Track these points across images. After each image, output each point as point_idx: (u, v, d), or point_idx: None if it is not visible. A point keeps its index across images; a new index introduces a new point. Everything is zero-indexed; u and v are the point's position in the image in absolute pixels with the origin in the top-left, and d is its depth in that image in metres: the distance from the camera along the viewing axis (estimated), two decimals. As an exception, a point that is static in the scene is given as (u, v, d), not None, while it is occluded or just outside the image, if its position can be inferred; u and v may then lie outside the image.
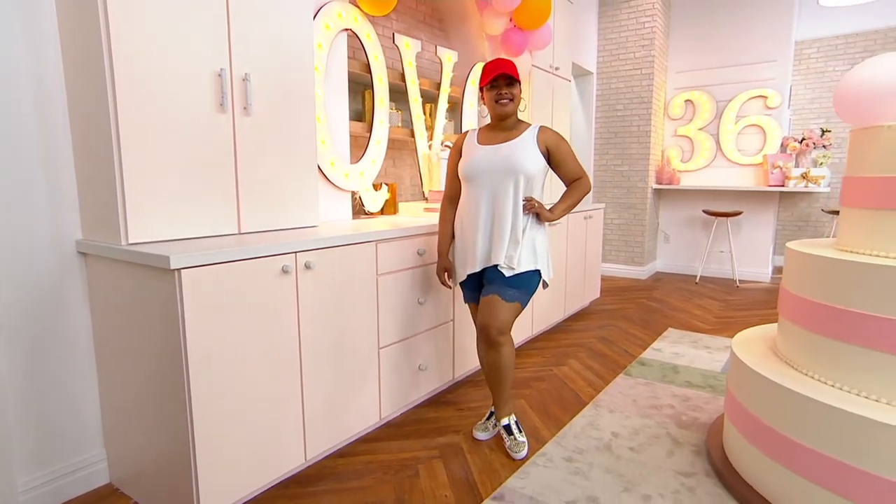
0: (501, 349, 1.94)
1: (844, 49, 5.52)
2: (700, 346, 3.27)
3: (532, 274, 1.96)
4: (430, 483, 1.83)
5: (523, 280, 1.94)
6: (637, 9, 5.13)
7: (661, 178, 5.52)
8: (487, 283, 1.97)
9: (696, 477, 1.84)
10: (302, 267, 1.74)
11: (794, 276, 1.75)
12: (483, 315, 1.94)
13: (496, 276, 1.94)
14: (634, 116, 5.30)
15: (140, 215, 1.55)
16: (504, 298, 1.91)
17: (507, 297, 1.91)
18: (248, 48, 1.79)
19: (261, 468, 1.67)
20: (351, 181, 2.43)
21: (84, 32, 1.52)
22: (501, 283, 1.92)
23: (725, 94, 5.26)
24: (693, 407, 2.40)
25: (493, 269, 1.96)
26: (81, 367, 1.74)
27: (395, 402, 2.22)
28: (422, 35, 3.23)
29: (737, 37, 5.14)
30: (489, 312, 1.92)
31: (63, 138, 1.65)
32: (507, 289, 1.91)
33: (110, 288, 1.64)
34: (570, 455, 1.99)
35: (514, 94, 1.93)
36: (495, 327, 1.91)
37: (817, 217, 5.85)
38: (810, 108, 5.75)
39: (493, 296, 1.92)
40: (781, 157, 4.95)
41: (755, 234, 5.29)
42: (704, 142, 5.42)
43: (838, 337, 1.55)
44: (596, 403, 2.44)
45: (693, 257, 5.63)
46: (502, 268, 1.92)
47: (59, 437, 1.70)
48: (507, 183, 1.92)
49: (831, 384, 1.57)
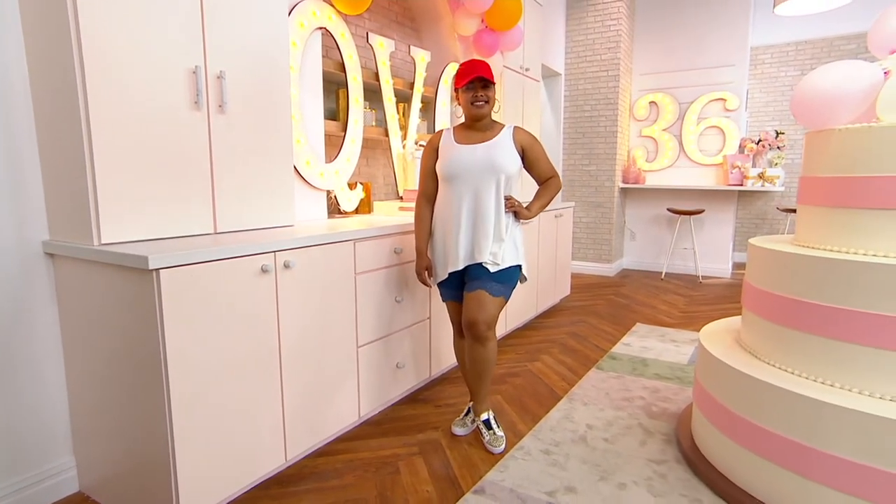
0: (487, 344, 1.98)
1: (795, 55, 5.82)
2: (667, 340, 3.39)
3: (514, 269, 2.01)
4: (412, 479, 1.85)
5: (507, 275, 1.99)
6: (603, 12, 5.27)
7: (628, 178, 5.68)
8: (471, 280, 2.00)
9: (668, 464, 1.92)
10: (281, 266, 1.73)
11: (756, 271, 1.84)
12: (470, 310, 1.96)
13: (480, 272, 1.97)
14: (601, 117, 5.44)
15: (113, 215, 1.51)
16: (491, 293, 1.95)
17: (493, 291, 1.95)
18: (223, 45, 1.76)
19: (241, 469, 1.65)
20: (326, 180, 2.42)
21: (50, 23, 1.47)
22: (487, 279, 1.95)
23: (687, 96, 5.46)
24: (662, 398, 2.50)
25: (476, 266, 1.99)
26: (48, 372, 1.68)
27: (373, 400, 2.22)
28: (394, 35, 3.24)
29: (697, 41, 5.34)
30: (477, 307, 1.94)
31: (27, 136, 1.59)
32: (492, 283, 1.95)
33: (81, 290, 1.59)
34: (547, 448, 2.04)
35: (489, 97, 1.95)
36: (483, 321, 1.94)
37: (773, 215, 6.14)
38: (765, 111, 6.03)
39: (480, 291, 1.95)
40: (740, 158, 5.17)
41: (716, 232, 5.51)
42: (668, 142, 5.60)
43: (796, 327, 1.64)
44: (570, 397, 2.50)
45: (658, 254, 5.82)
46: (487, 264, 1.96)
47: (25, 446, 1.64)
48: (489, 182, 1.95)
49: (790, 371, 1.67)
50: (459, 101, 2.01)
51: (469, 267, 2.02)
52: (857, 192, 1.59)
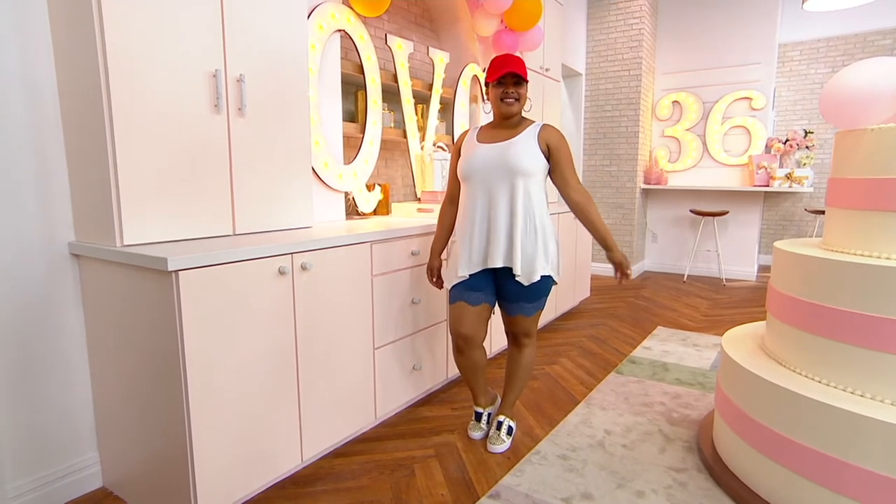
0: (524, 350, 2.09)
1: (826, 52, 5.64)
2: (689, 344, 3.32)
3: (546, 279, 1.94)
4: (427, 482, 1.84)
5: (540, 289, 1.95)
6: (625, 10, 5.19)
7: (650, 179, 5.59)
8: (505, 300, 1.99)
9: (688, 472, 1.88)
10: (298, 268, 1.74)
11: (782, 275, 1.79)
12: (509, 324, 2.07)
13: (514, 292, 1.94)
14: (623, 117, 5.36)
15: (135, 217, 1.54)
16: (528, 315, 2.00)
17: (530, 312, 1.99)
18: (243, 49, 1.79)
19: (258, 469, 1.67)
20: (344, 182, 2.44)
21: (77, 32, 1.50)
22: (521, 301, 1.95)
23: (712, 95, 5.34)
24: (683, 404, 2.44)
25: (510, 282, 1.92)
26: (74, 370, 1.73)
27: (389, 401, 2.23)
28: (413, 36, 3.24)
29: (723, 39, 5.23)
30: (514, 325, 2.04)
31: (55, 139, 1.63)
32: (526, 305, 1.97)
33: (105, 290, 1.63)
34: (564, 453, 2.01)
35: (520, 94, 1.86)
36: (522, 333, 2.06)
37: (801, 216, 5.96)
38: (793, 110, 5.86)
39: (519, 316, 2.00)
40: (766, 158, 5.04)
41: (741, 234, 5.38)
42: (691, 142, 5.49)
43: (825, 334, 1.59)
44: (588, 401, 2.47)
45: (680, 256, 5.71)
46: (520, 277, 1.89)
47: (51, 441, 1.69)
48: (502, 183, 1.86)
49: (818, 380, 1.61)
50: (489, 97, 1.93)
51: (504, 279, 1.95)
52: (891, 194, 1.53)
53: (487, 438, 2.09)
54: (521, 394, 2.24)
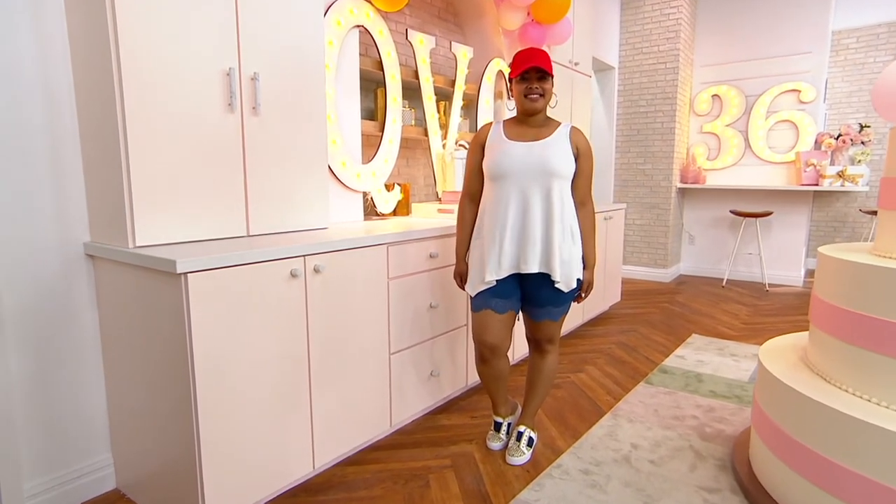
0: (547, 356, 2.03)
1: (888, 38, 5.23)
2: (726, 354, 3.14)
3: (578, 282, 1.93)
4: (442, 494, 1.77)
5: (571, 294, 1.92)
6: (661, 0, 4.97)
7: (686, 177, 5.35)
8: (532, 305, 1.93)
9: (721, 493, 1.75)
10: (311, 271, 1.70)
11: (826, 283, 1.63)
12: (533, 330, 2.01)
13: (545, 298, 1.88)
14: (658, 113, 5.15)
15: (147, 217, 1.53)
16: (555, 319, 1.94)
17: (557, 317, 1.94)
18: (258, 47, 1.76)
19: (268, 476, 1.64)
20: (362, 182, 2.39)
21: (92, 33, 1.50)
22: (549, 305, 1.90)
23: (755, 88, 5.06)
24: (718, 418, 2.29)
25: (542, 288, 1.87)
26: (89, 371, 1.74)
27: (406, 409, 2.17)
28: (436, 31, 3.17)
29: (768, 28, 4.94)
30: (539, 330, 1.98)
31: (71, 140, 1.64)
32: (554, 310, 1.91)
33: (118, 291, 1.63)
34: (586, 467, 1.91)
35: (545, 90, 1.79)
36: (545, 339, 2.00)
37: (855, 217, 5.59)
38: (848, 102, 5.50)
39: (546, 321, 1.94)
40: (815, 155, 4.74)
41: (786, 236, 5.08)
42: (732, 139, 5.23)
43: (875, 349, 1.44)
44: (615, 413, 2.35)
45: (719, 259, 5.44)
46: (559, 284, 1.84)
47: (67, 442, 1.70)
48: (537, 185, 1.79)
49: (867, 398, 1.46)
50: (512, 92, 1.86)
51: (533, 286, 1.88)
52: (956, 195, 1.37)
53: (507, 449, 2.01)
54: (542, 403, 2.15)
